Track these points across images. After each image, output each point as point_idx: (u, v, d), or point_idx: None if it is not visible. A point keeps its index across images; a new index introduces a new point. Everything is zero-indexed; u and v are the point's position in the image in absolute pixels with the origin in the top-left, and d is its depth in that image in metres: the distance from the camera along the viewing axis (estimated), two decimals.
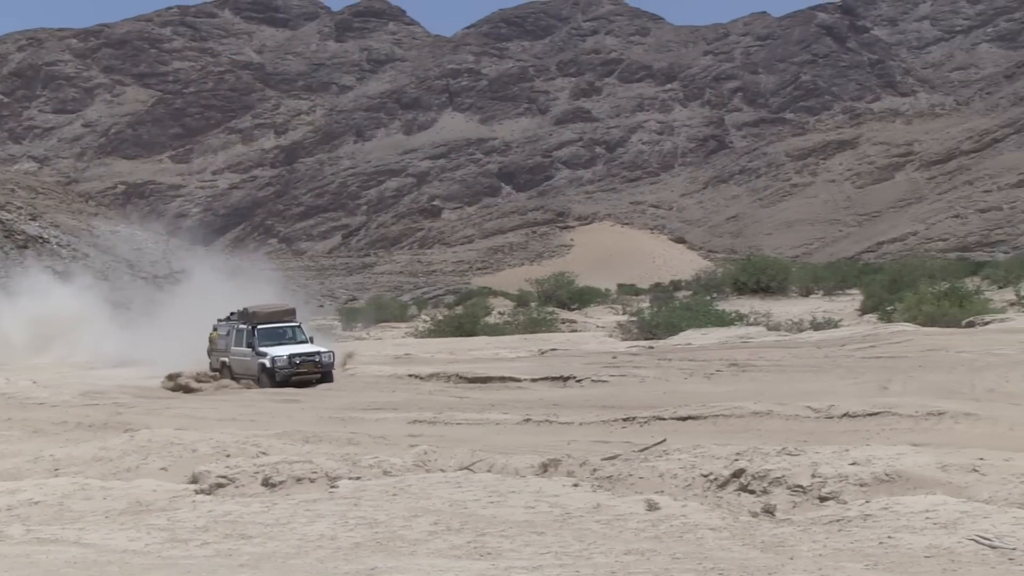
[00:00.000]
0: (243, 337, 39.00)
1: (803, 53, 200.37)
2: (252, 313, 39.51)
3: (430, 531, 11.14)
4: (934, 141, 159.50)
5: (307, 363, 37.18)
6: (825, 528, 10.93)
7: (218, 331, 40.68)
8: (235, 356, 39.05)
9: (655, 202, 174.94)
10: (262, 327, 38.87)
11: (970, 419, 19.71)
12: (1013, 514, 10.85)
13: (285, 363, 36.96)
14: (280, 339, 38.58)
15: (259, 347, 37.97)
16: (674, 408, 22.23)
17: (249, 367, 38.07)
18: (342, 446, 18.52)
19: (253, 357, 37.87)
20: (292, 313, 40.93)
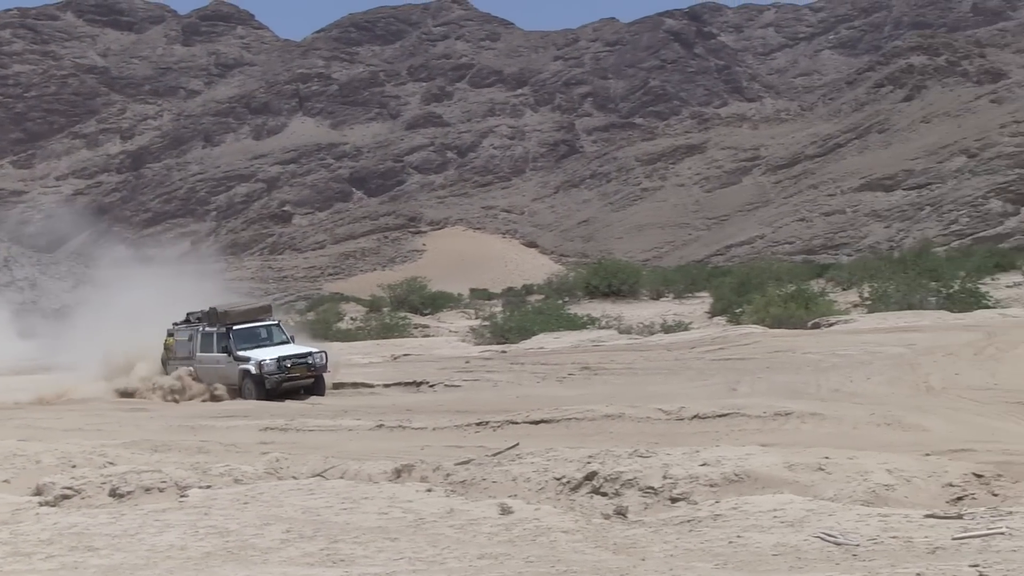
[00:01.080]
0: (213, 341, 34.61)
1: (652, 59, 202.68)
2: (224, 313, 35.14)
3: (282, 539, 11.02)
4: (780, 146, 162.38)
5: (298, 366, 33.06)
6: (676, 528, 11.05)
7: (175, 336, 36.11)
8: (204, 364, 34.70)
9: (507, 207, 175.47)
10: (238, 328, 34.55)
11: (816, 419, 20.09)
12: (857, 511, 11.08)
13: (274, 368, 32.71)
14: (259, 341, 34.53)
15: (238, 351, 33.68)
16: (527, 412, 22.31)
17: (226, 375, 34.01)
18: (192, 455, 18.26)
19: (231, 363, 33.81)
20: (268, 311, 37.10)
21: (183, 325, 36.15)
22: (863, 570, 9.04)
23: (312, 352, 33.73)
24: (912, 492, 12.47)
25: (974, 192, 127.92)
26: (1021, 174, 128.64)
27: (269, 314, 36.60)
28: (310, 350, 33.98)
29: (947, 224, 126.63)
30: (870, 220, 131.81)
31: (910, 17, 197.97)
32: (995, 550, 9.22)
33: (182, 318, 36.57)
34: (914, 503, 12.04)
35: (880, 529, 10.32)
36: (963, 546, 9.46)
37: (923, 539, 9.78)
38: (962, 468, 13.25)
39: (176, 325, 36.36)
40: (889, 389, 24.12)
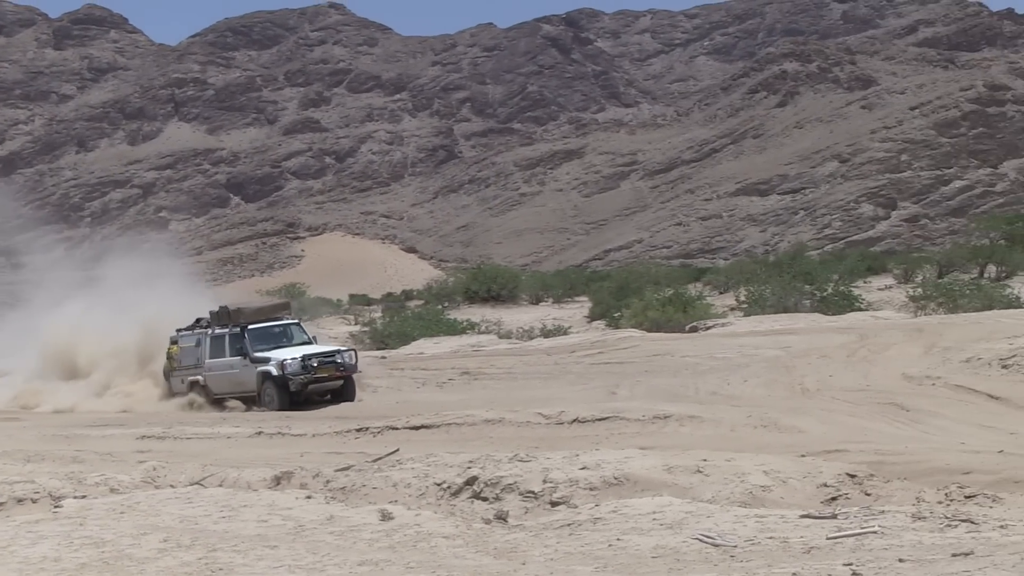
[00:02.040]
0: (225, 344, 31.08)
1: (529, 64, 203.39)
2: (237, 311, 31.64)
3: (160, 548, 10.85)
4: (657, 151, 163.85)
5: (326, 366, 29.66)
6: (556, 532, 11.08)
7: (180, 344, 32.30)
8: (215, 371, 31.11)
9: (386, 212, 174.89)
10: (254, 328, 31.07)
11: (694, 421, 20.29)
12: (734, 512, 11.20)
13: (298, 368, 29.24)
14: (277, 341, 31.18)
15: (255, 352, 30.19)
16: (407, 417, 22.26)
17: (241, 381, 30.44)
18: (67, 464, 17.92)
19: (246, 367, 30.21)
20: (287, 308, 33.80)
21: (188, 331, 32.51)
22: (740, 571, 9.13)
23: (340, 350, 30.68)
24: (788, 493, 12.63)
25: (846, 197, 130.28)
26: (891, 179, 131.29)
27: (288, 311, 33.44)
28: (338, 348, 31.23)
29: (820, 228, 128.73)
30: (746, 224, 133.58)
31: (783, 24, 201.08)
32: (868, 548, 9.37)
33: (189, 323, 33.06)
34: (790, 504, 12.20)
35: (757, 530, 10.44)
36: (837, 545, 9.60)
37: (799, 539, 9.92)
38: (836, 468, 13.46)
39: (180, 331, 32.69)
40: (765, 391, 24.46)
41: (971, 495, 11.89)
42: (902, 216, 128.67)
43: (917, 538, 9.62)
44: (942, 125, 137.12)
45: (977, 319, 34.58)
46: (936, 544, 9.33)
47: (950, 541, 9.42)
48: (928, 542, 9.44)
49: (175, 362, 32.22)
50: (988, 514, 10.61)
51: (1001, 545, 9.12)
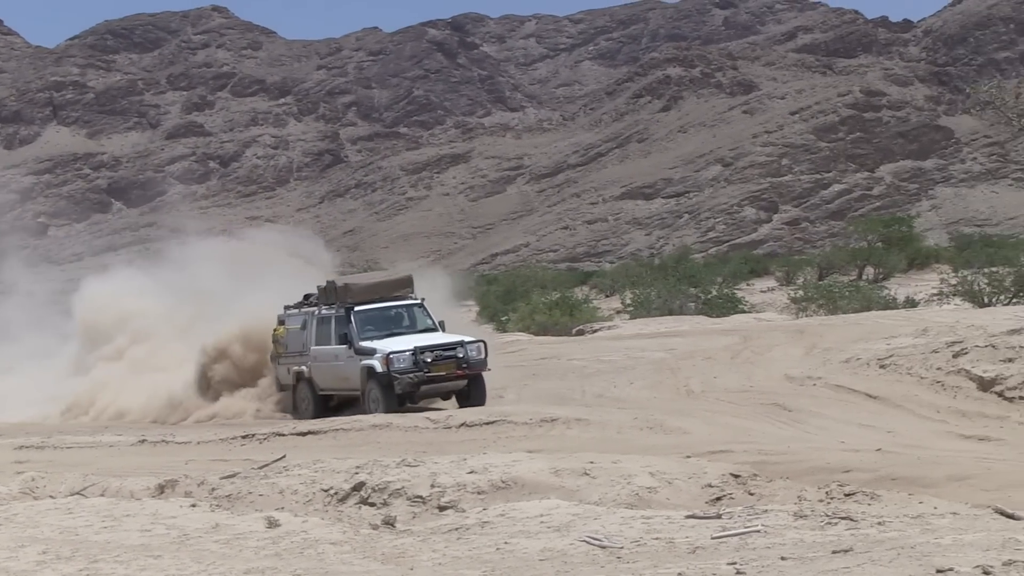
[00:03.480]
0: (330, 328, 25.88)
1: (415, 68, 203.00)
2: (344, 288, 26.16)
3: (38, 561, 10.65)
4: (543, 155, 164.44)
5: (444, 362, 24.46)
6: (444, 537, 11.07)
7: (287, 325, 27.16)
8: (320, 361, 25.98)
9: (271, 217, 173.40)
10: (362, 309, 25.67)
11: (581, 424, 20.40)
12: (621, 514, 11.27)
13: (408, 364, 24.11)
14: (392, 327, 25.95)
15: (360, 341, 25.04)
16: (294, 423, 22.11)
17: (346, 377, 25.43)
18: None
19: (351, 359, 25.12)
20: (408, 285, 27.14)
21: (296, 309, 27.37)
22: (627, 572, 9.20)
23: (464, 341, 25.09)
24: (674, 494, 12.75)
25: (729, 200, 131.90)
26: (772, 183, 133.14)
27: (409, 289, 26.99)
28: (461, 338, 25.38)
29: (704, 231, 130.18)
30: (631, 228, 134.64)
31: (666, 30, 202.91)
32: (751, 547, 9.49)
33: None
34: (676, 504, 12.31)
35: (643, 531, 10.52)
36: (722, 545, 9.71)
37: (684, 539, 10.01)
38: (721, 469, 13.61)
39: (288, 309, 27.50)
40: (651, 393, 24.66)
41: (850, 493, 12.09)
42: (783, 219, 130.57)
43: (799, 536, 9.76)
44: (821, 130, 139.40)
45: (856, 320, 35.18)
46: (817, 542, 9.47)
47: (830, 538, 9.57)
48: (809, 540, 9.58)
49: (281, 347, 27.21)
50: (867, 511, 10.80)
51: (879, 541, 9.29)
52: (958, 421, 19.34)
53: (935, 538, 9.25)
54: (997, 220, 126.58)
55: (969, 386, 20.91)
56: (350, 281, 27.08)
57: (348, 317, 25.47)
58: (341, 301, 25.87)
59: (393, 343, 24.91)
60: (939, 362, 22.09)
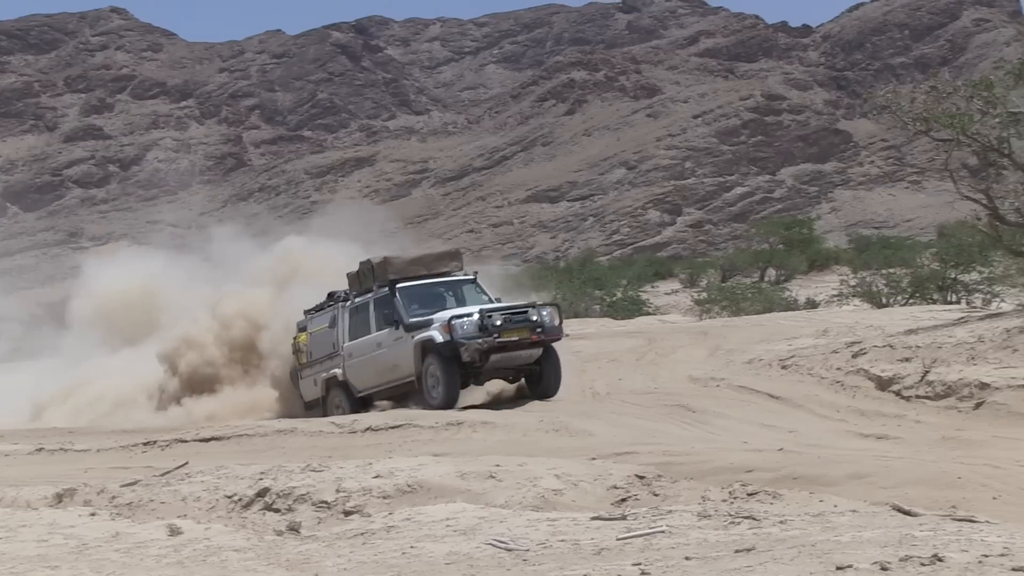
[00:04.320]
0: (369, 314, 23.38)
1: (319, 71, 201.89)
2: (383, 264, 23.31)
3: None
4: (448, 158, 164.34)
5: (517, 326, 21.87)
6: (350, 542, 11.03)
7: (310, 329, 24.71)
8: (357, 357, 23.45)
9: (173, 221, 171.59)
10: (407, 285, 23.12)
11: (487, 427, 20.42)
12: (527, 517, 11.31)
13: (474, 328, 21.53)
14: (443, 305, 23.14)
15: (410, 318, 22.40)
16: (196, 430, 21.89)
17: (394, 364, 22.61)
18: None
19: (400, 340, 22.46)
20: (456, 258, 24.65)
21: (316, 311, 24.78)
22: (533, 574, 9.22)
23: (536, 304, 22.72)
24: (579, 496, 12.80)
25: (633, 203, 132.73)
26: (676, 186, 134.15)
27: (458, 264, 24.52)
28: (534, 301, 23.46)
29: (609, 234, 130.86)
30: (537, 231, 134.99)
31: (570, 33, 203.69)
32: (656, 548, 9.56)
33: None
34: (581, 506, 12.36)
35: (549, 533, 10.55)
36: (627, 546, 9.77)
37: (589, 541, 10.06)
38: (626, 470, 13.69)
39: (309, 313, 24.93)
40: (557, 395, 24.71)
41: (753, 492, 12.22)
42: (687, 222, 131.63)
43: (703, 536, 9.85)
44: (723, 133, 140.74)
45: (758, 321, 35.58)
46: (721, 541, 9.56)
47: (734, 538, 9.67)
48: (713, 539, 9.67)
49: (304, 355, 24.47)
50: (769, 510, 10.93)
51: (781, 540, 9.40)
52: (857, 420, 19.63)
53: (835, 536, 9.38)
54: (894, 222, 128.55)
55: (868, 385, 21.24)
56: (389, 255, 23.78)
57: (392, 294, 22.73)
58: (380, 279, 23.14)
59: (452, 311, 22.18)
60: (839, 362, 22.41)
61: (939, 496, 13.22)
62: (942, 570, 7.90)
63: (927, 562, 8.01)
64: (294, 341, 24.93)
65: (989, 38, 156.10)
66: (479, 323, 21.63)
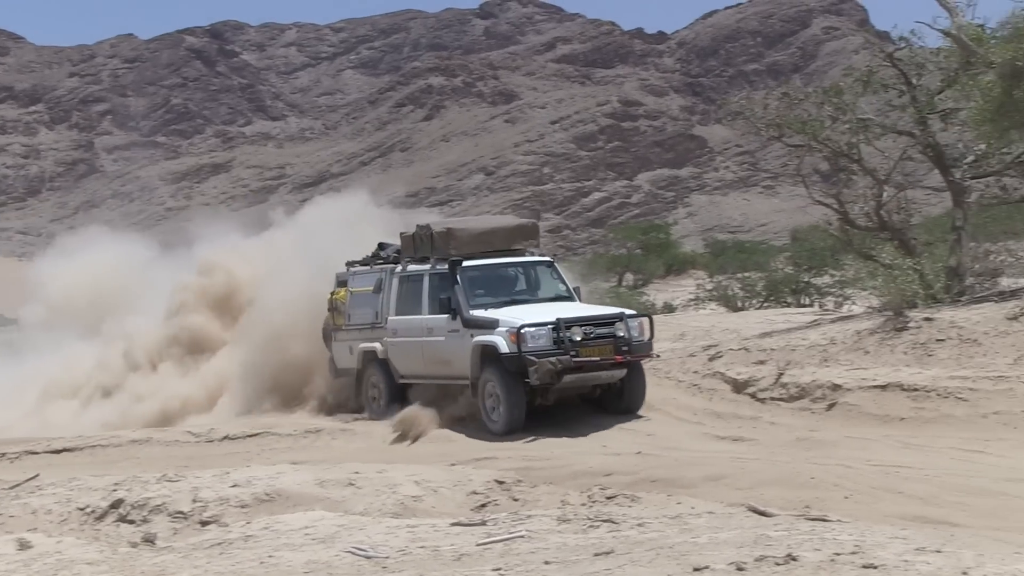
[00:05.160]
0: (422, 291, 19.73)
1: (173, 76, 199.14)
2: (447, 234, 19.76)
3: None
4: (305, 164, 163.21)
5: (599, 342, 18.35)
6: (207, 552, 10.88)
7: (351, 286, 21.24)
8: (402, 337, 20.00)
9: (22, 228, 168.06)
10: (473, 265, 19.49)
11: (346, 434, 20.33)
12: (387, 524, 11.26)
13: (548, 341, 18.01)
14: (512, 292, 19.81)
15: (471, 310, 18.83)
16: (47, 441, 21.44)
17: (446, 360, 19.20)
18: None
19: (454, 335, 18.91)
20: (532, 233, 20.86)
21: (363, 267, 21.36)
22: None
23: (624, 314, 18.98)
24: (439, 502, 12.79)
25: (492, 209, 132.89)
26: (535, 191, 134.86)
27: (534, 240, 20.80)
28: (621, 311, 19.41)
29: None
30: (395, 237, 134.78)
31: (428, 39, 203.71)
32: (516, 553, 9.57)
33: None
34: (441, 512, 12.35)
35: (409, 540, 10.52)
36: (487, 551, 9.77)
37: (449, 547, 10.04)
38: (485, 476, 13.71)
39: (352, 266, 21.51)
40: None
41: (612, 496, 12.32)
42: (546, 227, 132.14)
43: (562, 540, 9.89)
44: (581, 139, 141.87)
45: None
46: (580, 545, 9.61)
47: (592, 541, 9.72)
48: (572, 543, 9.71)
49: (341, 316, 21.24)
50: (627, 513, 11.01)
51: (639, 543, 9.48)
52: (714, 423, 19.89)
53: (692, 537, 9.48)
54: (749, 227, 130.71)
55: (724, 388, 21.54)
56: (454, 225, 20.10)
57: (452, 275, 19.09)
58: (440, 253, 19.57)
59: (523, 313, 18.59)
60: (696, 365, 22.69)
61: (793, 496, 13.45)
62: (796, 569, 8.02)
63: (781, 561, 8.14)
64: (332, 297, 21.35)
65: (838, 46, 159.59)
66: (554, 335, 18.06)
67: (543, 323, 18.31)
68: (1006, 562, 8.22)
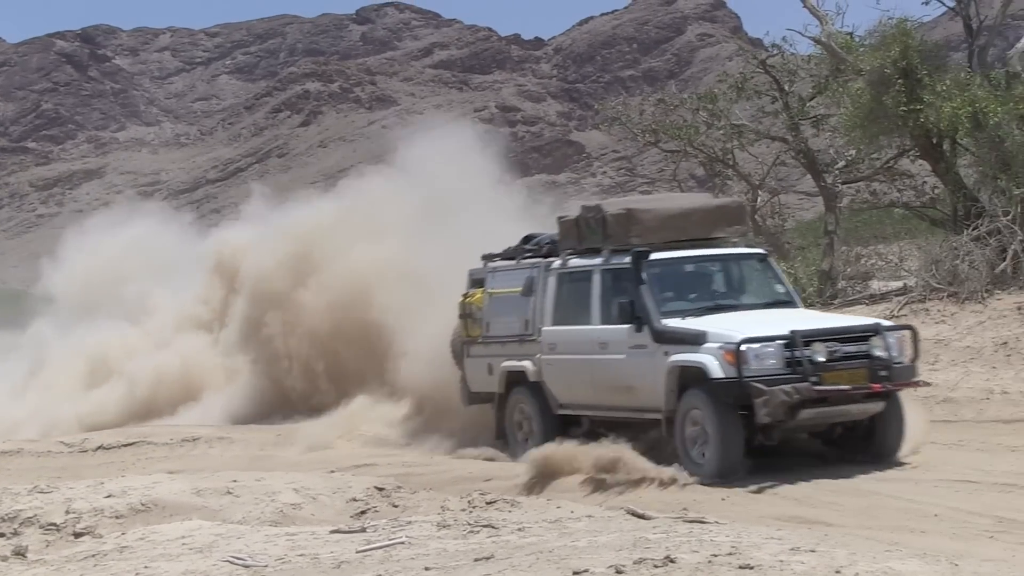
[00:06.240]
0: (591, 292, 15.35)
1: (43, 81, 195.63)
2: (626, 217, 15.32)
3: None
4: (181, 170, 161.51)
5: (848, 364, 13.88)
6: (80, 564, 10.71)
7: (490, 286, 16.93)
8: (565, 355, 15.66)
9: None
10: (663, 259, 15.10)
11: (224, 442, 20.18)
12: (265, 532, 11.17)
13: (780, 362, 13.67)
14: (717, 296, 15.47)
15: (662, 319, 14.47)
16: None
17: (626, 383, 14.83)
18: None
19: (644, 352, 14.50)
20: (739, 219, 16.25)
21: (509, 260, 17.05)
22: None
23: (880, 326, 14.39)
24: (319, 509, 12.72)
25: None
26: None
27: (741, 226, 16.38)
28: (876, 321, 14.78)
29: None
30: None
31: (304, 44, 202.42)
32: (396, 559, 9.55)
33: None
34: (321, 520, 12.28)
35: (288, 548, 10.44)
36: (367, 558, 9.74)
37: (329, 555, 9.99)
38: (365, 483, 13.66)
39: (491, 260, 17.30)
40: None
41: (492, 501, 12.34)
42: None
43: (442, 546, 9.88)
44: None
45: None
46: (460, 550, 9.61)
47: (473, 547, 9.73)
48: (452, 549, 9.72)
49: (477, 324, 16.93)
50: (507, 518, 11.04)
51: (519, 547, 9.51)
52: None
53: (572, 541, 9.53)
54: None
55: None
56: (636, 206, 15.63)
57: (636, 271, 14.79)
58: (616, 242, 15.24)
59: (739, 323, 14.28)
60: None
61: (671, 499, 13.59)
62: (674, 571, 8.11)
63: (660, 563, 8.21)
64: (464, 300, 17.15)
65: (713, 52, 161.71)
66: (787, 355, 13.69)
67: (772, 337, 13.79)
68: (877, 560, 8.38)
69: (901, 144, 26.36)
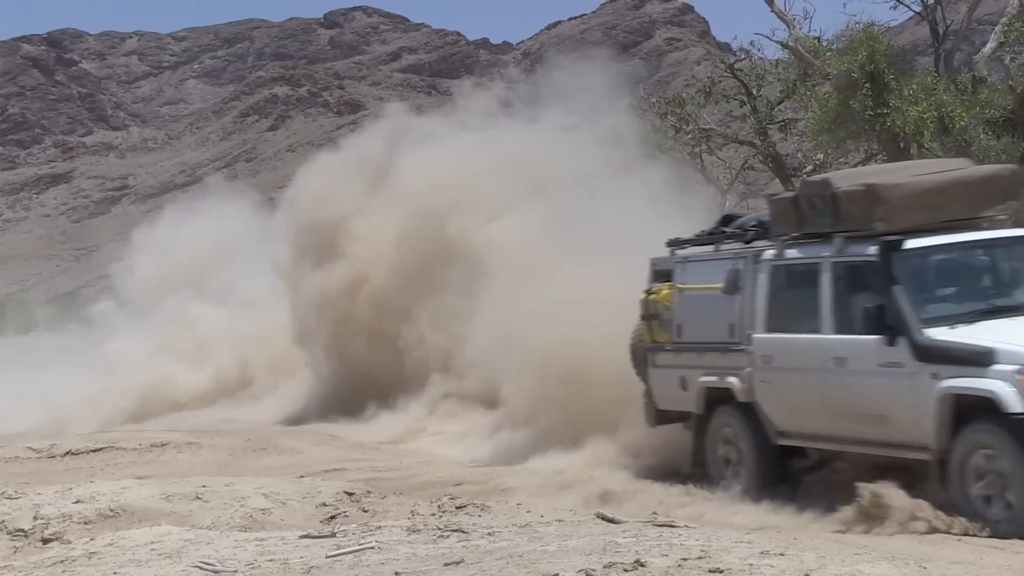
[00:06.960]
0: (818, 290, 12.09)
1: (9, 85, 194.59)
2: (868, 194, 11.85)
3: None
4: (148, 175, 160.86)
5: None
6: (48, 571, 10.66)
7: (682, 281, 14.07)
8: (787, 372, 12.56)
9: None
10: (921, 247, 11.74)
11: (192, 448, 20.11)
12: (234, 538, 11.14)
13: None
14: (988, 293, 12.16)
15: (923, 328, 11.23)
16: None
17: (877, 411, 11.58)
18: None
19: (896, 372, 11.29)
20: (1013, 191, 12.28)
21: (706, 247, 14.15)
22: None
23: None
24: (288, 514, 12.69)
25: None
26: None
27: (1013, 204, 12.33)
28: None
29: None
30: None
31: (272, 48, 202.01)
32: (366, 564, 9.55)
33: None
34: (290, 525, 12.26)
35: (258, 553, 10.42)
36: (336, 563, 9.72)
37: (299, 560, 9.97)
38: (335, 487, 13.65)
39: (680, 249, 14.49)
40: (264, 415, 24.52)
41: (462, 505, 12.34)
42: None
43: (412, 551, 9.88)
44: None
45: None
46: (430, 555, 9.61)
47: (443, 551, 9.73)
48: (422, 553, 9.71)
49: (665, 329, 14.23)
50: (477, 523, 11.04)
51: (489, 551, 9.51)
52: None
53: (542, 545, 9.54)
54: None
55: None
56: (877, 180, 12.11)
57: (886, 266, 11.63)
58: (853, 226, 12.07)
59: None
60: None
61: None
62: (644, 575, 8.13)
63: (630, 568, 8.23)
64: (647, 297, 14.44)
65: (681, 56, 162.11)
66: None
67: None
68: (846, 563, 8.43)
69: (868, 148, 26.50)
